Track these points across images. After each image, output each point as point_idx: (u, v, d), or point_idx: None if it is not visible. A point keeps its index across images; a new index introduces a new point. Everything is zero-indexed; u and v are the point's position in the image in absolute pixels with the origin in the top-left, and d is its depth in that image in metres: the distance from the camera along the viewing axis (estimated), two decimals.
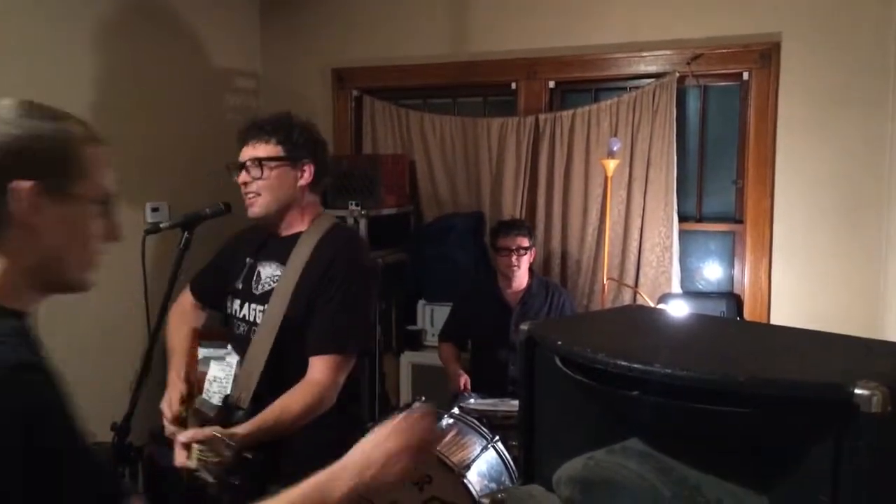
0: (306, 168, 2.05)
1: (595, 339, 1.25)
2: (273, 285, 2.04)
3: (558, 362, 1.26)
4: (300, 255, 2.02)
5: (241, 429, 1.82)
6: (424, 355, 3.98)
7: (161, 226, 1.98)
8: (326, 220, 2.13)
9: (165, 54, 3.89)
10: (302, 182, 2.05)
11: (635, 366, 1.10)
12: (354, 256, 2.06)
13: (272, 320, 1.99)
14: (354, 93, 4.43)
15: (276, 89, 4.53)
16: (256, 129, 2.05)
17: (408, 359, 4.03)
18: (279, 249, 2.07)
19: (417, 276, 4.12)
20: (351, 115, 4.44)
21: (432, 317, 4.03)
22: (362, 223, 3.81)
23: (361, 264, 2.07)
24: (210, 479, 1.76)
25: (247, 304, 2.09)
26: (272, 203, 2.04)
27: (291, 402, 1.89)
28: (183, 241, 1.97)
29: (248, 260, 2.13)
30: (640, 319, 1.44)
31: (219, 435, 1.76)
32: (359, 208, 3.80)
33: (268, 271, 2.08)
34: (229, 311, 2.15)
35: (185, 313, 2.23)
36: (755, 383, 0.99)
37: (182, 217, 2.01)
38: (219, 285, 2.20)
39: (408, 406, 3.10)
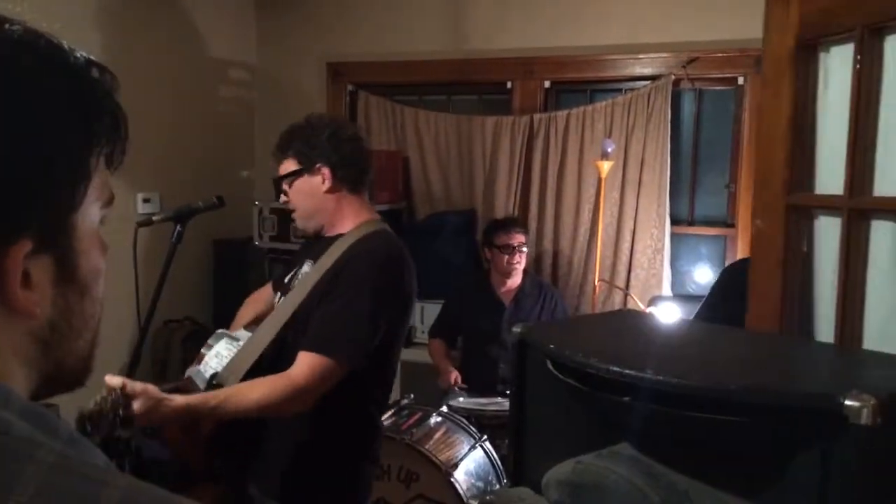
0: (323, 172, 1.96)
1: (587, 343, 1.25)
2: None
3: (550, 366, 1.26)
4: (331, 256, 1.95)
5: (178, 398, 1.70)
6: (414, 352, 3.96)
7: (154, 218, 1.96)
8: (371, 224, 2.01)
9: (161, 43, 3.87)
10: (324, 188, 1.96)
11: (627, 372, 1.10)
12: (377, 265, 1.91)
13: (283, 313, 1.95)
14: (350, 87, 4.42)
15: (272, 82, 4.52)
16: (277, 147, 2.01)
17: None
18: (319, 249, 2.01)
19: None
20: (346, 110, 4.43)
21: (423, 314, 4.02)
22: None
23: (380, 275, 1.91)
24: (82, 412, 1.59)
25: (280, 298, 2.06)
26: (305, 216, 2.01)
27: (251, 389, 1.79)
28: (175, 234, 1.95)
29: (303, 258, 2.09)
30: (633, 325, 1.44)
31: (119, 391, 1.63)
32: None
33: (304, 269, 2.04)
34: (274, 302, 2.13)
35: (256, 300, 2.24)
36: (746, 392, 0.99)
37: (175, 210, 1.99)
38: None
39: (396, 403, 3.11)
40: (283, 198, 2.03)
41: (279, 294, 2.09)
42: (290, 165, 1.99)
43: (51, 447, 0.51)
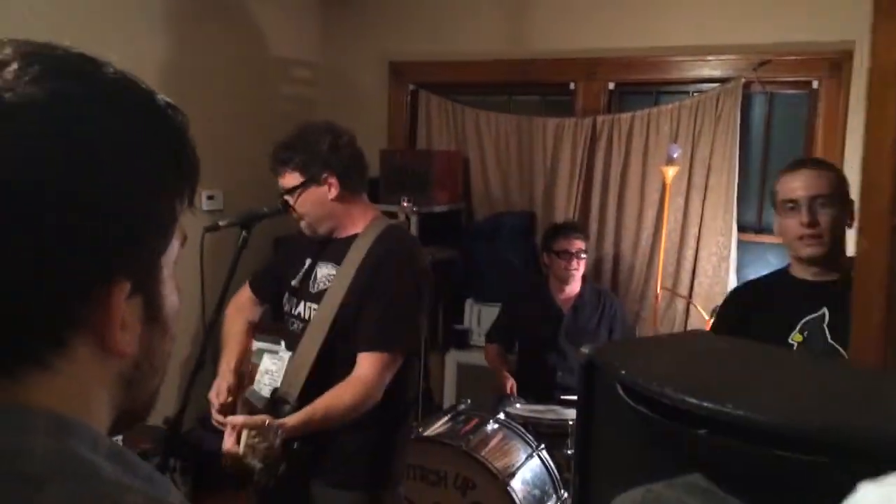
0: (330, 181, 2.02)
1: (661, 369, 1.21)
2: (328, 285, 2.06)
3: (620, 391, 1.22)
4: (355, 255, 2.04)
5: (290, 419, 1.85)
6: (470, 355, 3.96)
7: (220, 223, 2.00)
8: (382, 222, 2.14)
9: (225, 42, 3.92)
10: (331, 195, 2.03)
11: (705, 404, 1.05)
12: (407, 257, 2.07)
13: (324, 318, 2.01)
14: (411, 87, 4.41)
15: (334, 80, 4.54)
16: (275, 160, 2.06)
17: (453, 358, 4.01)
18: (336, 250, 2.09)
19: (466, 275, 4.09)
20: (406, 109, 4.43)
21: (480, 316, 4.00)
22: (413, 220, 3.79)
23: (413, 266, 2.07)
24: (257, 464, 1.76)
25: (302, 303, 2.12)
26: (314, 223, 2.08)
27: (339, 397, 1.91)
28: (241, 239, 1.98)
29: (307, 261, 2.15)
30: (709, 349, 1.39)
31: (270, 422, 1.79)
32: (410, 205, 3.79)
33: (324, 271, 2.11)
34: (285, 308, 2.17)
35: (241, 307, 2.27)
36: (837, 432, 0.94)
37: (240, 215, 2.02)
38: (276, 283, 2.23)
39: (453, 408, 3.09)
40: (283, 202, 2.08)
41: (298, 299, 2.14)
42: (294, 178, 2.03)
43: (135, 488, 0.53)
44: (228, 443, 1.81)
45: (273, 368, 2.03)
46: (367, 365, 1.95)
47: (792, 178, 2.02)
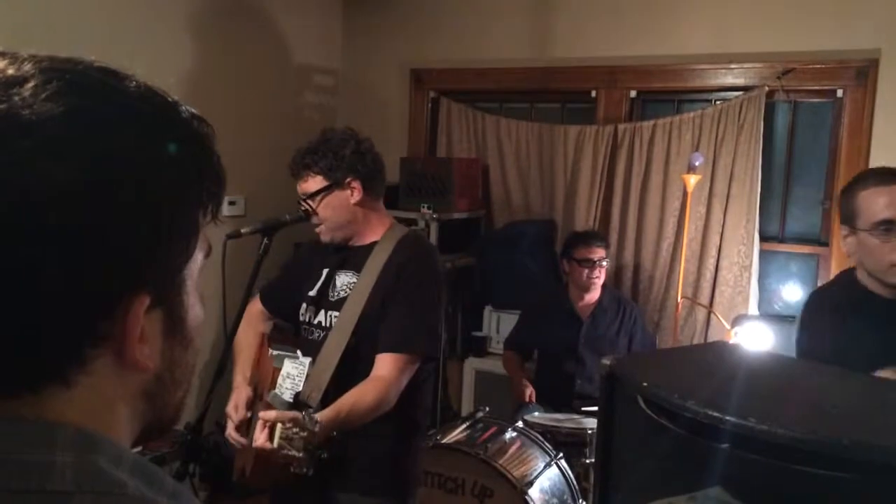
0: (353, 186, 2.05)
1: (683, 382, 1.20)
2: (348, 292, 2.08)
3: (642, 403, 1.21)
4: (376, 261, 2.06)
5: (319, 415, 1.84)
6: (489, 362, 3.95)
7: (242, 231, 2.00)
8: (399, 229, 2.17)
9: (248, 48, 3.95)
10: (354, 200, 2.06)
11: (727, 418, 1.04)
12: (428, 263, 2.10)
13: (346, 323, 2.03)
14: (432, 94, 4.42)
15: (355, 87, 4.56)
16: (299, 164, 2.07)
17: (472, 365, 4.01)
18: (355, 258, 2.11)
19: (485, 282, 4.09)
20: (427, 116, 4.43)
21: (498, 324, 4.00)
22: (433, 226, 3.80)
23: (434, 272, 2.10)
24: (298, 454, 1.74)
25: (322, 311, 2.13)
26: (334, 228, 2.09)
27: (362, 396, 1.91)
28: (262, 247, 1.99)
29: (324, 271, 2.16)
30: (732, 361, 1.38)
31: (304, 413, 1.79)
32: (430, 211, 3.79)
33: (343, 279, 2.12)
34: (302, 318, 2.18)
35: (252, 319, 2.27)
36: (862, 448, 0.93)
37: (263, 223, 2.03)
38: (288, 296, 2.24)
39: (471, 416, 3.09)
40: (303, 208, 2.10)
41: (317, 308, 2.14)
42: (317, 182, 2.05)
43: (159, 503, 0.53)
44: (261, 439, 1.80)
45: (294, 373, 2.04)
46: (387, 365, 1.97)
47: (883, 194, 1.75)
